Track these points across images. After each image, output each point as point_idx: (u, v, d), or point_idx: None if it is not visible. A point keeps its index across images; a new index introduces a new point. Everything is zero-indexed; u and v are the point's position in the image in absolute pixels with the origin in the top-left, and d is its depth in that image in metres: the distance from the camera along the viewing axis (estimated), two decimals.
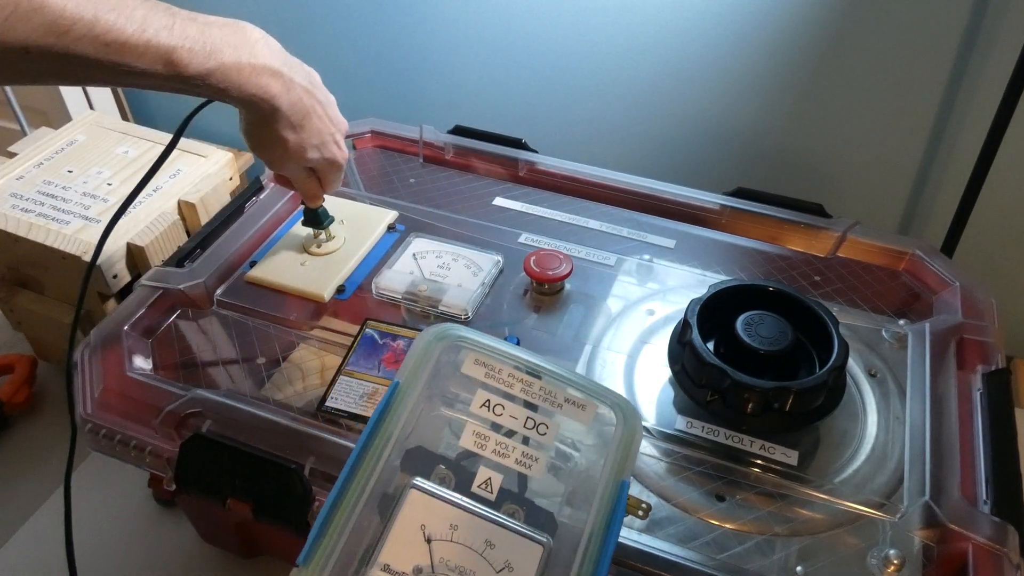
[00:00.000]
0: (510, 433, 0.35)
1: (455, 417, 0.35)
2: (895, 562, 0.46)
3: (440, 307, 0.63)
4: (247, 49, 0.49)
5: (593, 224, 0.73)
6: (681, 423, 0.54)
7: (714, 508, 0.50)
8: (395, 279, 0.65)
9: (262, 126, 0.54)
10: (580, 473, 0.36)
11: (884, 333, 0.62)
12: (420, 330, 0.38)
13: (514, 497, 0.34)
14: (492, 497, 0.33)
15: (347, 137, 0.82)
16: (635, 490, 0.50)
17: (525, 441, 0.35)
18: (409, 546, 0.31)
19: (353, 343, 0.58)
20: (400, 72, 1.16)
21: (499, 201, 0.76)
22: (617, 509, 0.34)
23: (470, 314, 0.62)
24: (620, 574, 0.46)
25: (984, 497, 0.50)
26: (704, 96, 1.00)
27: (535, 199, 0.76)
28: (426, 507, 0.32)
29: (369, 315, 0.62)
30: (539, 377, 0.37)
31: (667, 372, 0.57)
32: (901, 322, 0.63)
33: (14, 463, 0.80)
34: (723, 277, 0.67)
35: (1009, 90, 0.80)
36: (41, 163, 0.89)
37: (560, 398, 0.37)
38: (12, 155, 0.92)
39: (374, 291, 0.64)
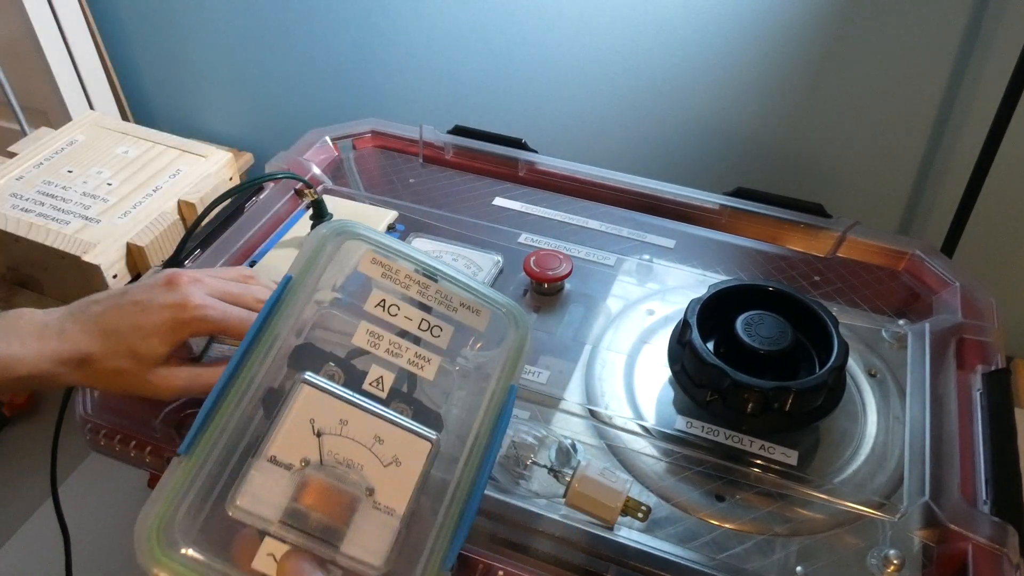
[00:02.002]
0: (403, 333, 0.35)
1: (348, 317, 0.35)
2: (895, 562, 0.46)
3: None
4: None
5: (593, 224, 0.73)
6: (681, 423, 0.54)
7: (714, 508, 0.50)
8: None
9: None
10: (471, 377, 0.36)
11: (884, 333, 0.62)
12: None
13: (403, 396, 0.35)
14: (383, 395, 0.34)
15: (347, 137, 0.82)
16: (635, 491, 0.50)
17: (418, 342, 0.35)
18: (298, 439, 0.31)
19: None
20: (400, 72, 1.16)
21: (499, 201, 0.76)
22: (504, 412, 0.35)
23: None
24: (620, 574, 0.46)
25: (984, 497, 0.50)
26: (704, 96, 1.00)
27: (535, 199, 0.76)
28: (317, 402, 0.32)
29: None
30: (436, 280, 0.37)
31: (667, 372, 0.57)
32: (901, 322, 0.63)
33: (14, 463, 0.80)
34: (723, 277, 0.67)
35: (1009, 90, 0.80)
36: (41, 163, 0.89)
37: (456, 302, 0.36)
38: (12, 155, 0.92)
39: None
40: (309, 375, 0.33)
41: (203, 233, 0.70)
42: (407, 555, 0.32)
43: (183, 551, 0.29)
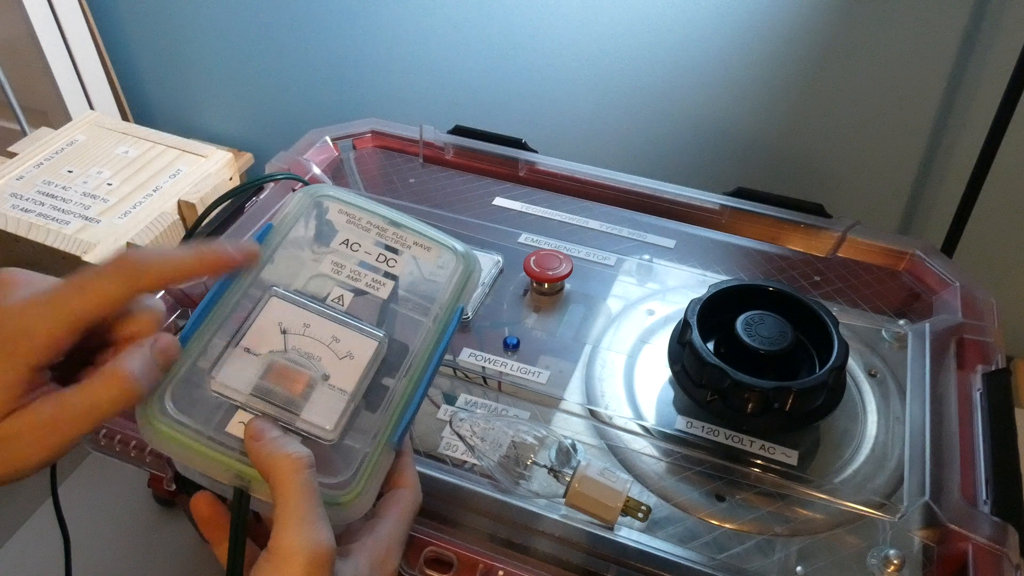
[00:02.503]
0: (363, 264, 0.43)
1: (320, 255, 0.43)
2: (895, 562, 0.46)
3: None
4: None
5: (593, 224, 0.73)
6: (681, 423, 0.54)
7: (714, 508, 0.50)
8: None
9: None
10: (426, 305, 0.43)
11: (884, 333, 0.62)
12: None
13: (392, 330, 0.41)
14: (343, 308, 0.41)
15: (347, 137, 0.82)
16: (635, 491, 0.50)
17: (375, 270, 0.43)
18: (267, 335, 0.38)
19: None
20: (400, 72, 1.16)
21: (499, 201, 0.76)
22: (450, 326, 0.42)
23: (470, 314, 0.62)
24: (620, 574, 0.46)
25: (984, 497, 0.50)
26: (704, 96, 1.00)
27: (535, 199, 0.76)
28: (284, 310, 0.39)
29: None
30: (396, 226, 0.44)
31: (667, 372, 0.57)
32: (901, 322, 0.63)
33: None
34: (723, 277, 0.67)
35: (1009, 90, 0.80)
36: (41, 163, 0.89)
37: (410, 241, 0.44)
38: (12, 155, 0.92)
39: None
40: (277, 288, 0.40)
41: (203, 234, 0.70)
42: (359, 436, 0.38)
43: (175, 418, 0.35)
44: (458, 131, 0.82)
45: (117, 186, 0.86)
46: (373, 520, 0.39)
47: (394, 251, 0.44)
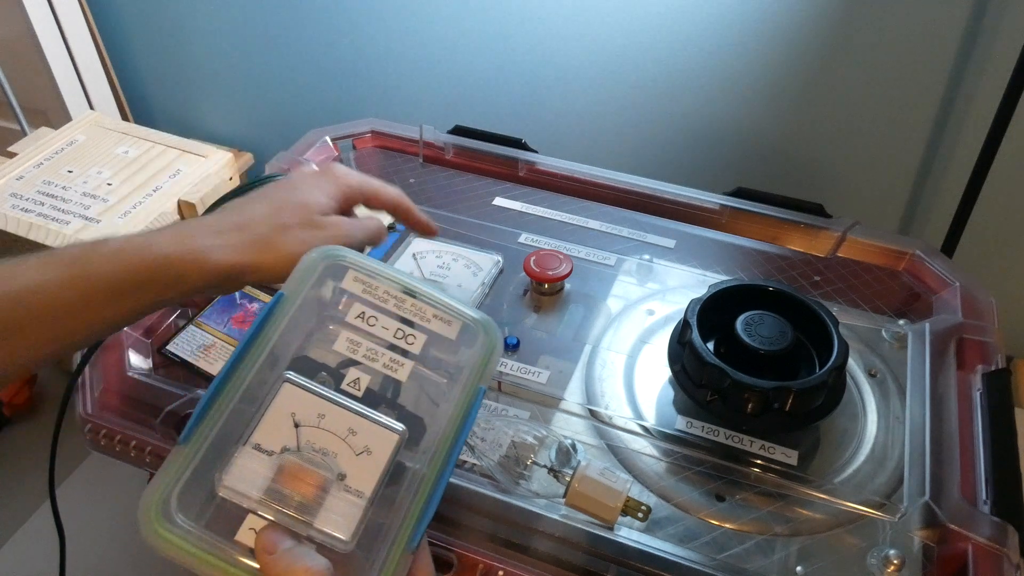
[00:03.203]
0: (381, 342, 0.40)
1: (335, 330, 0.40)
2: (895, 562, 0.46)
3: None
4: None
5: (593, 224, 0.73)
6: (681, 423, 0.54)
7: (714, 508, 0.50)
8: None
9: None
10: (447, 385, 0.41)
11: (884, 333, 0.62)
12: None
13: (387, 402, 0.39)
14: (359, 394, 0.38)
15: (347, 137, 0.82)
16: (635, 491, 0.50)
17: (394, 349, 0.40)
18: (279, 429, 0.36)
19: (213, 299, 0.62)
20: (400, 72, 1.16)
21: (499, 201, 0.76)
22: (471, 410, 0.39)
23: None
24: (620, 574, 0.46)
25: (984, 497, 0.50)
26: (704, 96, 1.00)
27: (535, 199, 0.76)
28: (297, 398, 0.37)
29: None
30: (413, 296, 0.41)
31: (667, 372, 0.57)
32: (901, 322, 0.63)
33: (14, 463, 0.80)
34: (723, 277, 0.67)
35: (1009, 90, 0.80)
36: (41, 163, 0.89)
37: (429, 314, 0.41)
38: (12, 155, 0.92)
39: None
40: (289, 374, 0.37)
41: None
42: (376, 537, 0.36)
43: (180, 524, 0.33)
44: (458, 131, 0.82)
45: (117, 186, 0.86)
46: None
47: (412, 324, 0.41)
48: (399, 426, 0.37)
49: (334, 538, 0.34)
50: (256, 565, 0.33)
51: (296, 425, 0.36)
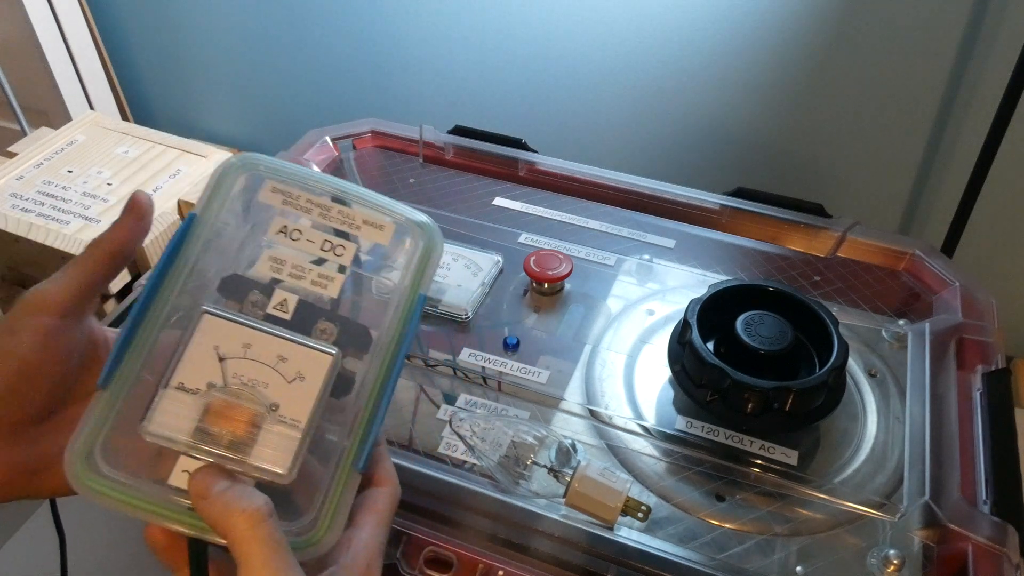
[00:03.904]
0: (307, 256, 0.37)
1: (257, 248, 0.37)
2: (895, 562, 0.46)
3: (440, 307, 0.63)
4: None
5: (593, 224, 0.73)
6: (681, 423, 0.54)
7: (714, 508, 0.50)
8: None
9: None
10: (386, 292, 0.38)
11: (884, 333, 0.62)
12: None
13: (327, 316, 0.36)
14: (288, 316, 0.36)
15: (347, 137, 0.82)
16: (635, 491, 0.50)
17: (321, 262, 0.37)
18: (203, 365, 0.33)
19: None
20: (400, 72, 1.16)
21: (499, 201, 0.76)
22: (412, 320, 0.37)
23: (470, 314, 0.62)
24: (620, 574, 0.46)
25: (984, 497, 0.50)
26: (704, 96, 1.00)
27: (535, 199, 0.76)
28: (219, 330, 0.34)
29: None
30: (341, 203, 0.38)
31: (667, 372, 0.57)
32: (901, 322, 0.63)
33: None
34: (723, 277, 0.67)
35: (1009, 90, 0.80)
36: (41, 163, 0.89)
37: (358, 220, 0.37)
38: (12, 155, 0.92)
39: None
40: (208, 306, 0.34)
41: None
42: (327, 459, 0.34)
43: (107, 474, 0.32)
44: (458, 131, 0.82)
45: (117, 186, 0.86)
46: (349, 532, 0.35)
47: (342, 235, 0.37)
48: (331, 348, 0.35)
49: (271, 473, 0.33)
50: (181, 515, 0.32)
51: (220, 359, 0.34)
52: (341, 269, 0.37)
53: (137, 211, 0.37)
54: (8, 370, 0.34)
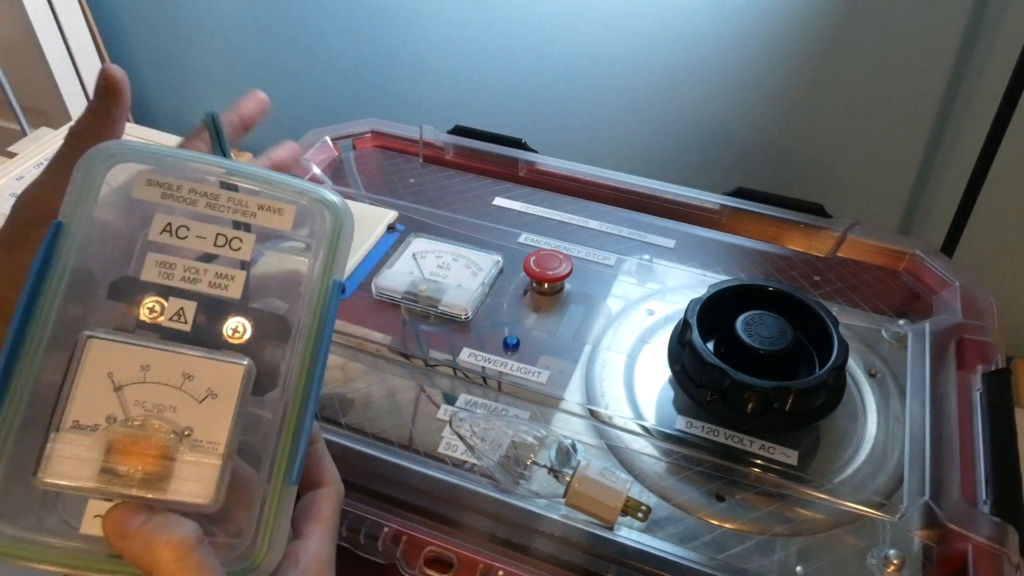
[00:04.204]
0: (199, 255, 0.33)
1: (142, 252, 0.33)
2: (895, 562, 0.46)
3: (440, 307, 0.63)
4: None
5: (593, 224, 0.73)
6: (681, 423, 0.54)
7: (714, 508, 0.50)
8: (395, 279, 0.65)
9: None
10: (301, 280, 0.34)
11: (884, 333, 0.62)
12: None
13: (235, 309, 0.32)
14: (187, 328, 0.32)
15: (347, 137, 0.82)
16: (635, 491, 0.50)
17: (213, 260, 0.33)
18: (97, 397, 0.30)
19: None
20: (400, 72, 1.16)
21: (499, 201, 0.76)
22: (328, 310, 0.33)
23: (470, 314, 0.62)
24: (620, 574, 0.46)
25: (984, 497, 0.50)
26: (704, 96, 1.00)
27: (535, 199, 0.76)
28: (111, 354, 0.30)
29: (369, 315, 0.62)
30: (230, 189, 0.33)
31: (667, 372, 0.57)
32: (901, 322, 0.63)
33: None
34: (723, 277, 0.67)
35: (1009, 90, 0.80)
36: (41, 163, 0.89)
37: (253, 206, 0.33)
38: (12, 155, 0.92)
39: (374, 291, 0.64)
40: (90, 331, 0.30)
41: None
42: (250, 464, 0.32)
43: (7, 533, 0.29)
44: (458, 131, 0.82)
45: None
46: (294, 545, 0.33)
47: (238, 227, 0.33)
48: (242, 359, 0.31)
49: (193, 504, 0.29)
50: (101, 563, 0.29)
51: (116, 388, 0.30)
52: (243, 265, 0.33)
53: (114, 91, 0.34)
54: (18, 285, 0.30)
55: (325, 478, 0.35)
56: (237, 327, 0.32)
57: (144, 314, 0.32)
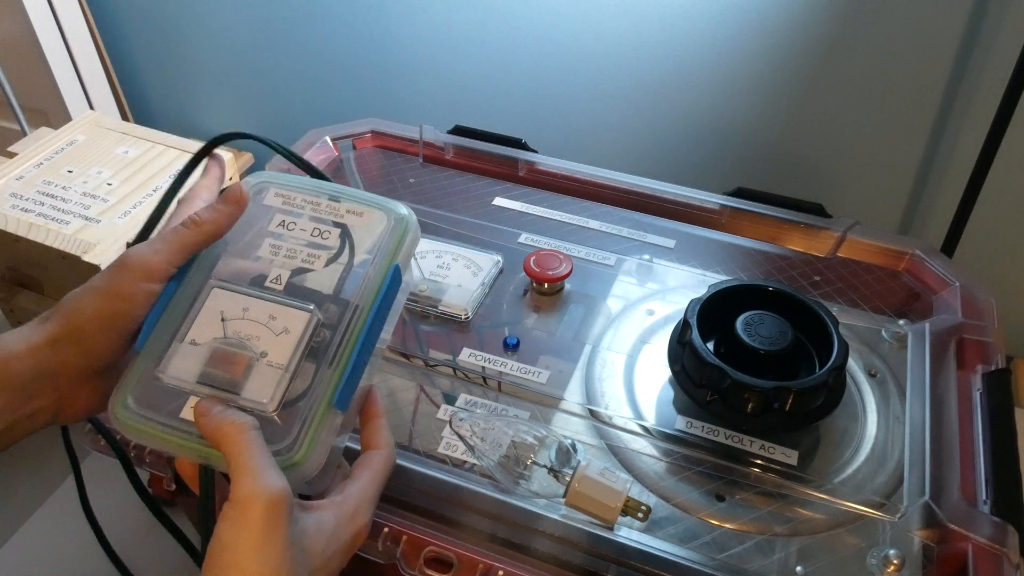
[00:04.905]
0: (299, 241, 0.46)
1: (261, 240, 0.46)
2: (895, 562, 0.46)
3: (440, 307, 0.63)
4: None
5: (593, 224, 0.73)
6: (681, 423, 0.54)
7: (714, 508, 0.50)
8: None
9: None
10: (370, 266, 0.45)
11: (884, 333, 0.62)
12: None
13: (309, 293, 0.44)
14: (281, 288, 0.44)
15: (347, 137, 0.82)
16: (635, 491, 0.50)
17: (311, 245, 0.46)
18: (210, 326, 0.42)
19: None
20: (400, 72, 1.16)
21: (499, 201, 0.76)
22: (387, 286, 0.43)
23: (470, 314, 0.62)
24: (620, 574, 0.46)
25: (984, 497, 0.50)
26: (704, 96, 1.00)
27: (535, 199, 0.76)
28: (224, 299, 0.43)
29: None
30: (331, 200, 0.47)
31: (667, 372, 0.57)
32: (901, 322, 0.63)
33: (14, 463, 0.80)
34: (723, 277, 0.67)
35: (1009, 90, 0.80)
36: (41, 163, 0.89)
37: (343, 211, 0.47)
38: (12, 155, 0.92)
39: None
40: (215, 281, 0.44)
41: None
42: (303, 402, 0.41)
43: (138, 412, 0.41)
44: (458, 131, 0.82)
45: (117, 186, 0.86)
46: (344, 482, 0.42)
47: (329, 223, 0.46)
48: (309, 305, 0.42)
49: (258, 403, 0.40)
50: (191, 442, 0.39)
51: (223, 320, 0.42)
52: (326, 248, 0.45)
53: (237, 203, 0.45)
54: (124, 328, 0.42)
55: (382, 443, 0.45)
56: (328, 307, 0.43)
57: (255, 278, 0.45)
